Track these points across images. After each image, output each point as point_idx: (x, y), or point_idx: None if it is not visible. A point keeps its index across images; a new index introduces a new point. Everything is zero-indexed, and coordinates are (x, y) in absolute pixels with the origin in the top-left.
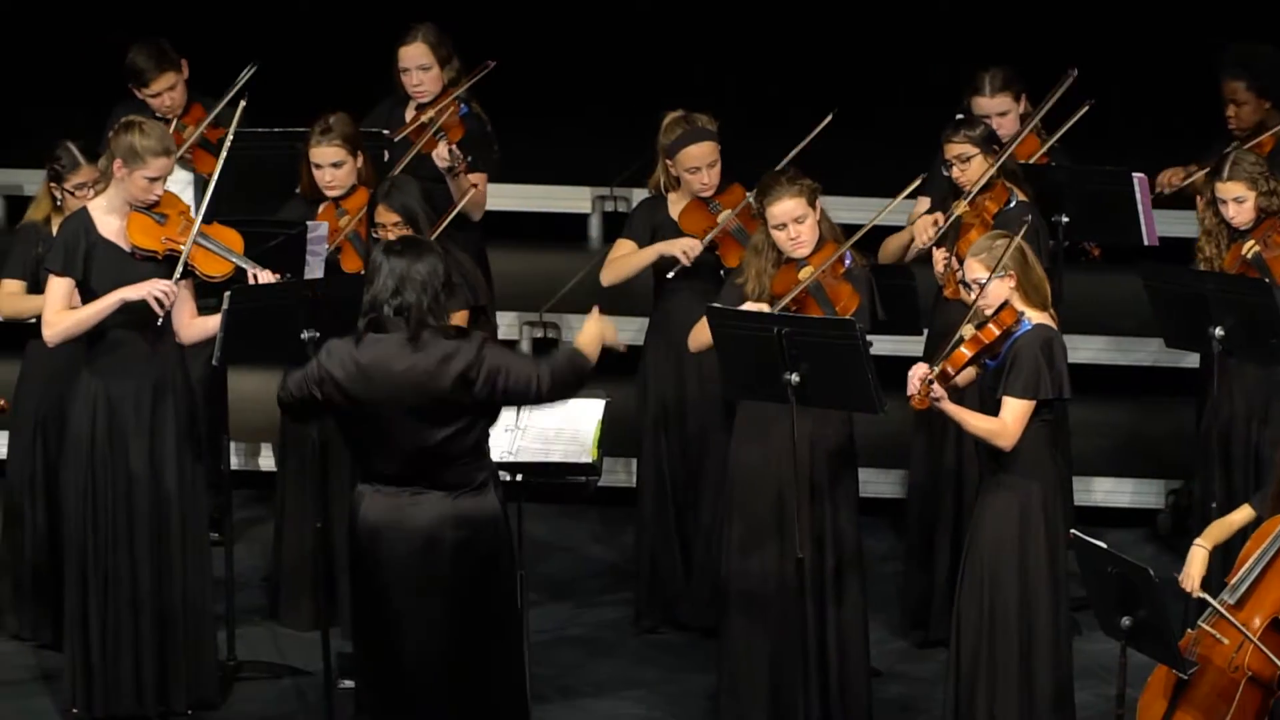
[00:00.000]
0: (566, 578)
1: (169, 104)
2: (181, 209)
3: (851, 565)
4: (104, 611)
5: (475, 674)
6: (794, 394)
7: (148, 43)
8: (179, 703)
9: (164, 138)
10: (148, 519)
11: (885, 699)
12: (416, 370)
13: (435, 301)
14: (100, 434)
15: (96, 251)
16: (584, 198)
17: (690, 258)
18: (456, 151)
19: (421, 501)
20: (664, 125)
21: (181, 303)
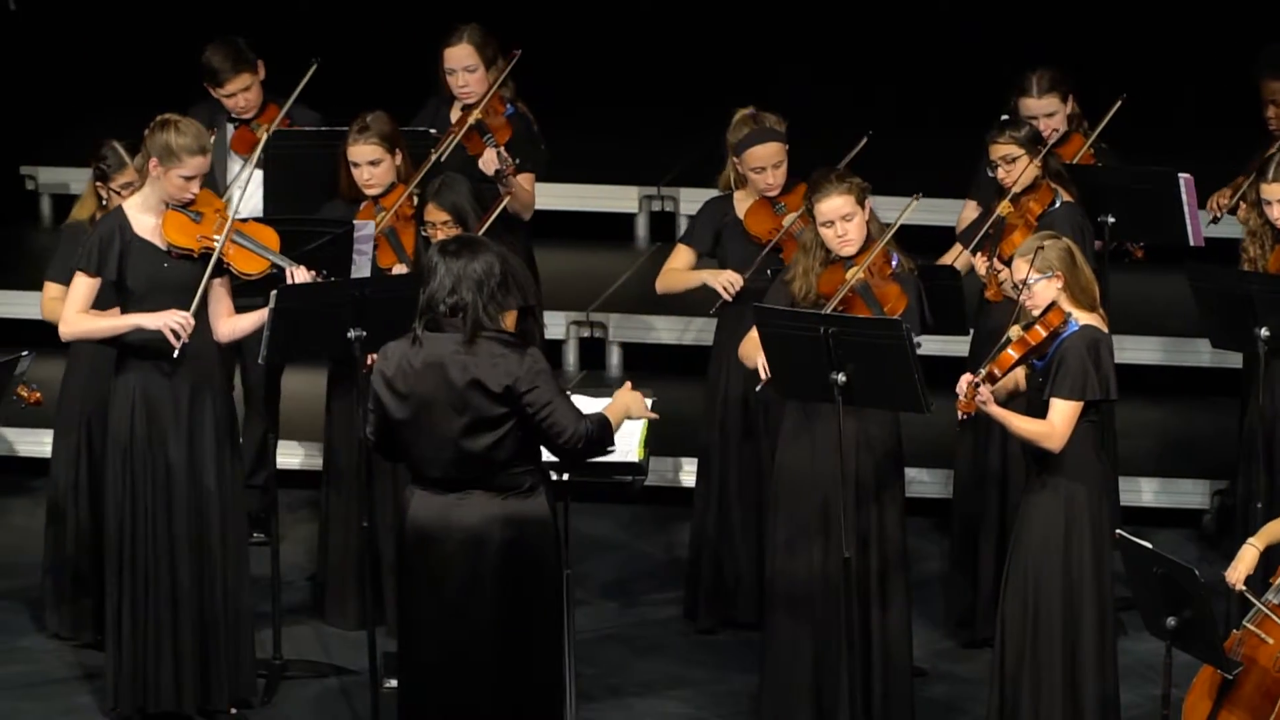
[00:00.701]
0: (614, 577)
1: (244, 104)
2: (217, 206)
3: (897, 565)
4: (144, 610)
5: (516, 675)
6: (840, 394)
7: (224, 42)
8: (221, 701)
9: (199, 136)
10: (187, 518)
11: (929, 699)
12: (467, 373)
13: (491, 301)
14: (139, 433)
15: (132, 250)
16: (631, 197)
17: (732, 294)
18: (504, 154)
19: (470, 502)
20: (733, 122)
21: (218, 300)
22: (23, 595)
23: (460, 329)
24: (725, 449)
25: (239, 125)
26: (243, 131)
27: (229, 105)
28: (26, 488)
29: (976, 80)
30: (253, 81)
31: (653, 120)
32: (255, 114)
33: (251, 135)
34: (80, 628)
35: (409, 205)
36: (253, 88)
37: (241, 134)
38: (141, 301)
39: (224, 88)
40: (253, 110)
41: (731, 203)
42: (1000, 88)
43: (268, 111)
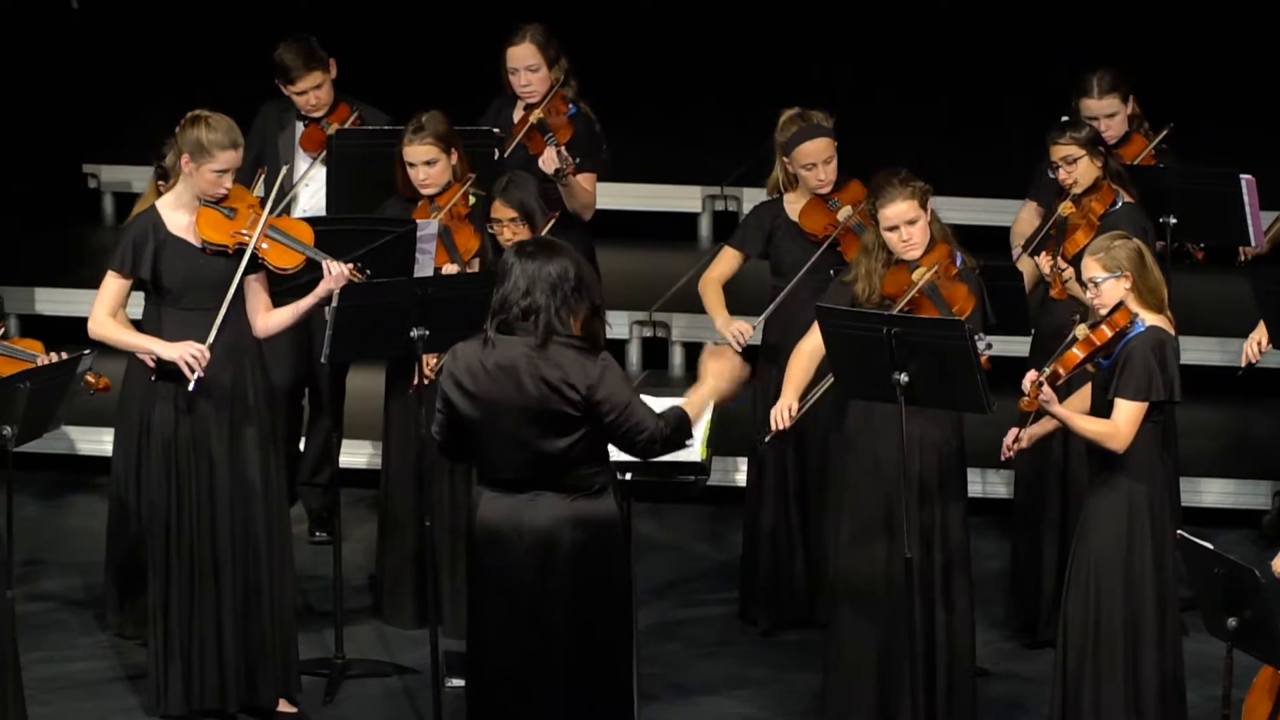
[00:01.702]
0: (675, 576)
1: (315, 102)
2: (250, 202)
3: (959, 565)
4: (187, 608)
5: (586, 676)
6: (903, 394)
7: (296, 40)
8: (269, 699)
9: (230, 130)
10: (230, 515)
11: (991, 698)
12: (539, 378)
13: (564, 305)
14: (183, 433)
15: (166, 249)
16: (694, 197)
17: (741, 344)
18: (565, 154)
19: (539, 503)
20: (780, 122)
21: (254, 296)
22: (84, 594)
23: (531, 332)
24: (778, 448)
25: (308, 123)
26: (312, 129)
27: (299, 103)
28: (88, 486)
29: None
30: (324, 80)
31: (716, 121)
32: (325, 112)
33: (320, 133)
34: (141, 626)
35: (463, 205)
36: (324, 86)
37: (311, 132)
38: (178, 299)
39: (295, 85)
40: (323, 109)
41: (782, 205)
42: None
43: (338, 110)
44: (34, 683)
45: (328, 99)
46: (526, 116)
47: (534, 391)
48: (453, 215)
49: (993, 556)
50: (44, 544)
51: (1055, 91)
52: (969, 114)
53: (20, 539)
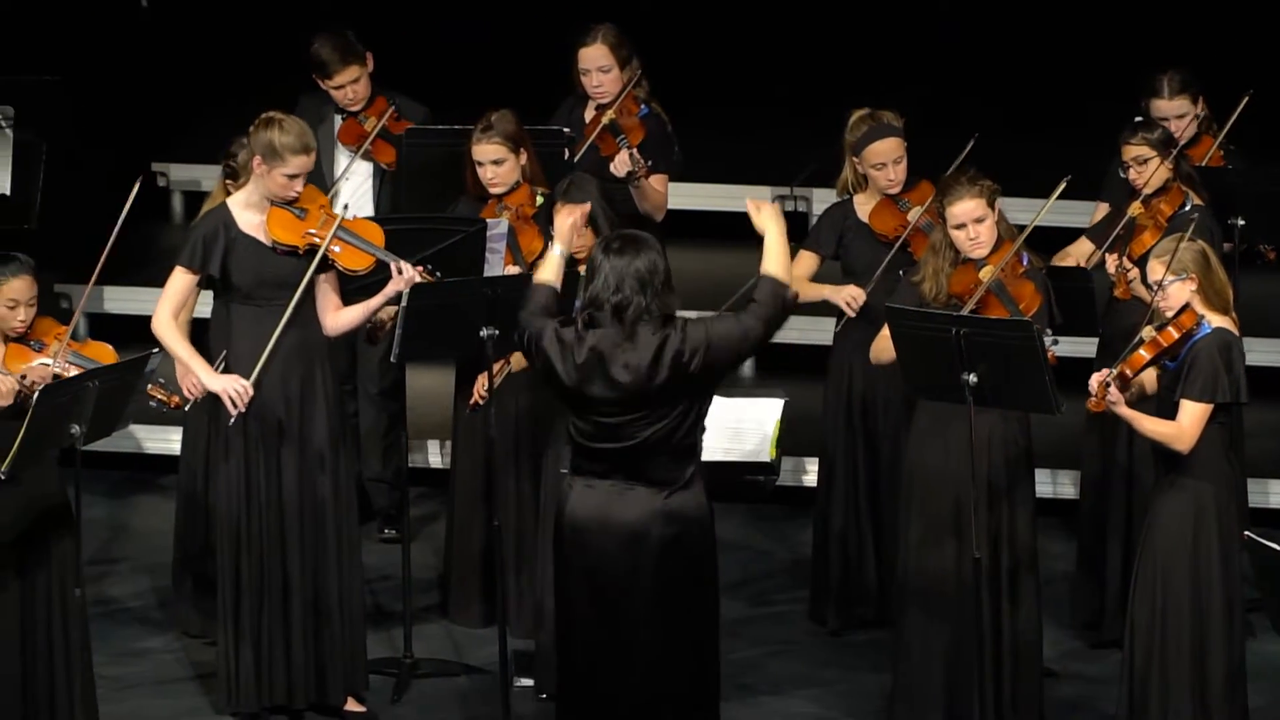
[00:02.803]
0: (745, 576)
1: (352, 97)
2: (321, 203)
3: (1027, 565)
4: (257, 607)
5: (674, 671)
6: (972, 394)
7: (333, 34)
8: (337, 697)
9: (303, 134)
10: (299, 514)
11: (1058, 699)
12: (633, 366)
13: (655, 299)
14: (252, 432)
15: (236, 247)
16: (764, 197)
17: (855, 309)
18: (637, 156)
19: (630, 496)
20: (850, 123)
21: (325, 296)
22: (154, 593)
23: (615, 324)
24: (849, 448)
25: (346, 118)
26: (350, 124)
27: (337, 97)
28: (156, 485)
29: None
30: (361, 74)
31: (786, 121)
32: (363, 106)
33: (359, 128)
34: (209, 624)
35: (530, 206)
36: (361, 80)
37: (349, 126)
38: (248, 297)
39: (332, 80)
40: (360, 103)
41: (852, 206)
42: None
43: (376, 104)
44: (103, 681)
45: (365, 93)
46: (598, 118)
47: (628, 378)
48: (519, 216)
49: (1059, 557)
50: (112, 543)
51: (1127, 92)
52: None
53: (88, 537)
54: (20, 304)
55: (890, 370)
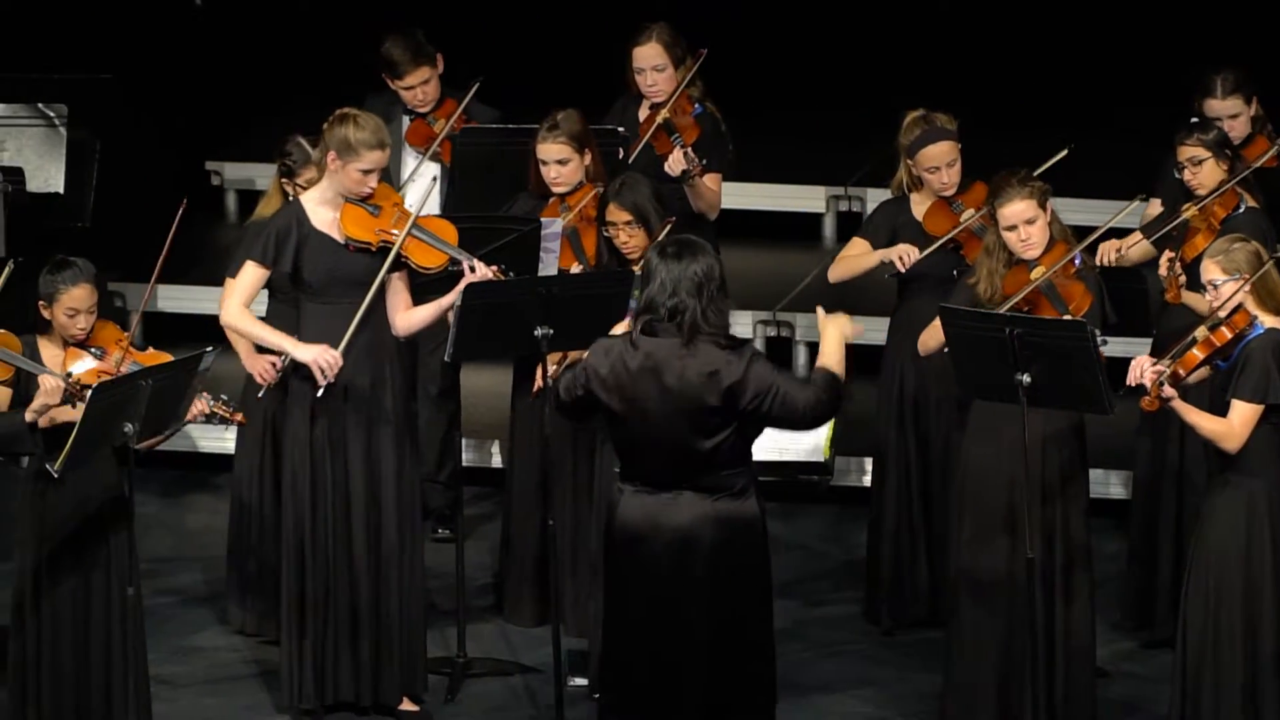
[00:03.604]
0: (797, 576)
1: (422, 98)
2: (395, 200)
3: (1080, 565)
4: (321, 607)
5: (726, 676)
6: (1025, 394)
7: (404, 35)
8: (393, 696)
9: (378, 130)
10: (365, 514)
11: (1110, 698)
12: (686, 378)
13: (710, 304)
14: (319, 433)
15: (310, 243)
16: (818, 197)
17: (906, 264)
18: (691, 155)
19: (680, 502)
20: (904, 125)
21: (396, 295)
22: (206, 591)
23: (676, 333)
24: (900, 448)
25: (415, 119)
26: (418, 125)
27: (406, 98)
28: (210, 484)
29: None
30: (431, 75)
31: (840, 121)
32: (432, 108)
33: (427, 129)
34: (264, 624)
35: (593, 206)
36: (431, 81)
37: (417, 127)
38: (319, 294)
39: (402, 80)
40: (430, 104)
41: (907, 205)
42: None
43: (444, 106)
44: (157, 679)
45: (435, 94)
46: (653, 116)
47: (679, 390)
48: (582, 216)
49: (1110, 557)
50: (166, 541)
51: (1181, 93)
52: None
53: (142, 536)
54: (80, 312)
55: (940, 367)
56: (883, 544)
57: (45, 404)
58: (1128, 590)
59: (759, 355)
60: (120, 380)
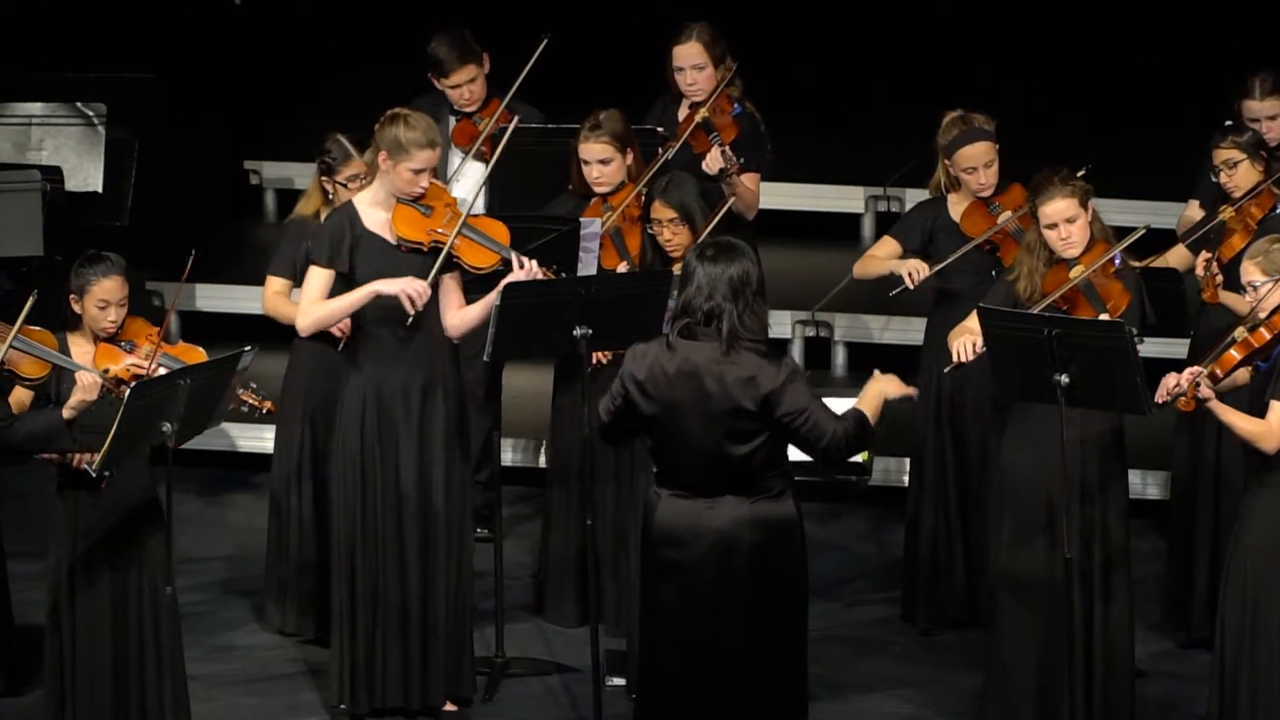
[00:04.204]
0: (836, 576)
1: (468, 97)
2: (447, 200)
3: (1119, 565)
4: (371, 608)
5: (763, 677)
6: (1063, 395)
7: (451, 33)
8: (438, 699)
9: (429, 130)
10: (416, 517)
11: (1148, 699)
12: (723, 383)
13: (747, 307)
14: (370, 434)
15: (362, 244)
16: (857, 197)
17: (915, 281)
18: (729, 153)
19: (717, 505)
20: (942, 125)
21: (447, 294)
22: (244, 591)
23: (714, 336)
24: (938, 449)
25: (461, 118)
26: (464, 124)
27: (453, 97)
28: (248, 483)
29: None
30: (478, 74)
31: (879, 121)
32: (478, 107)
33: (473, 128)
34: (302, 623)
35: (636, 205)
36: (478, 80)
37: (463, 127)
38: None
39: (448, 79)
40: (476, 103)
41: (944, 205)
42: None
43: (491, 105)
44: (195, 679)
45: (481, 93)
46: (692, 115)
47: (717, 395)
48: (625, 216)
49: (1146, 558)
50: (204, 540)
51: (1220, 93)
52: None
53: (180, 535)
54: (111, 304)
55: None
56: (920, 544)
57: (83, 400)
58: (1165, 591)
59: (799, 373)
60: (158, 379)
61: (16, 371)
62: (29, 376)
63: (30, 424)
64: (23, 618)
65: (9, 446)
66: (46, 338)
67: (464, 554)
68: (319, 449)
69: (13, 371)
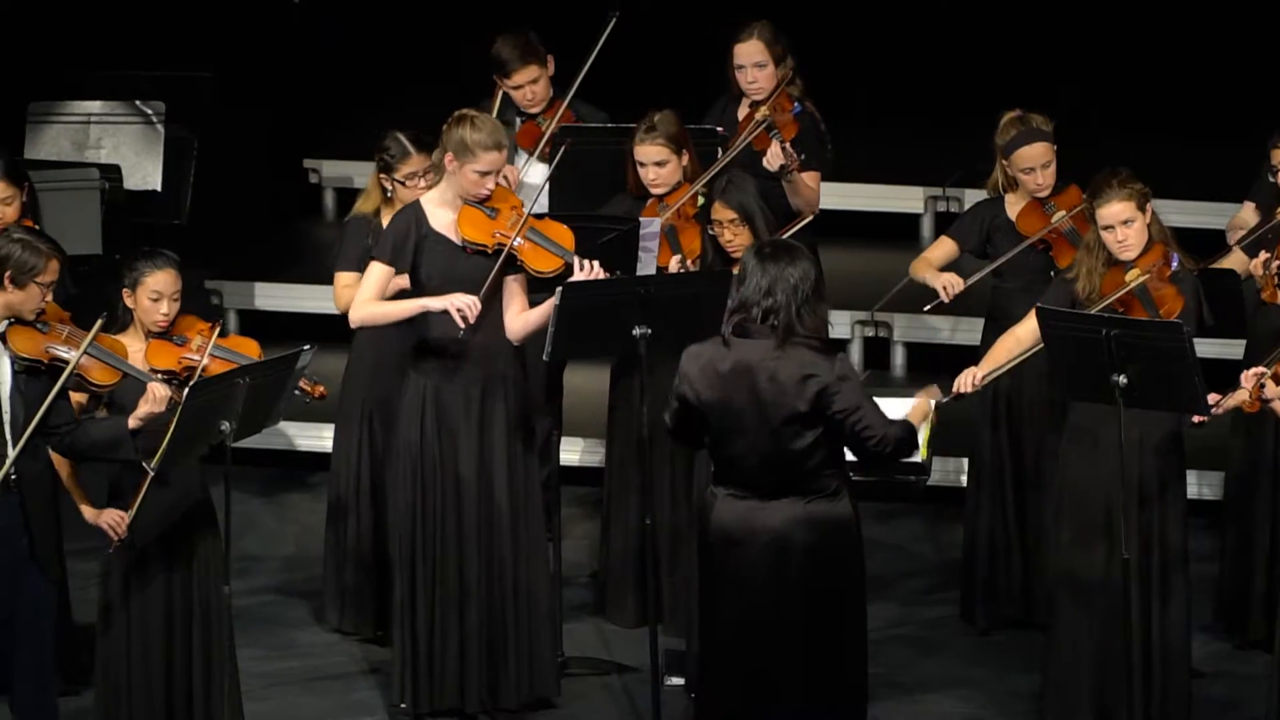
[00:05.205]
0: (895, 576)
1: (530, 97)
2: (513, 203)
3: (1177, 566)
4: (431, 608)
5: (821, 677)
6: (1121, 395)
7: (515, 34)
8: (511, 700)
9: (495, 131)
10: (476, 517)
11: (1205, 699)
12: (778, 380)
13: (805, 307)
14: (429, 434)
15: (427, 244)
16: (916, 197)
17: (949, 295)
18: (789, 150)
19: (773, 505)
20: (1000, 125)
21: (511, 297)
22: (303, 590)
23: (769, 334)
24: (995, 448)
25: (525, 120)
26: (529, 126)
27: (516, 98)
28: (307, 483)
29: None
30: (541, 74)
31: (939, 121)
32: (542, 109)
33: (537, 130)
34: (361, 623)
35: (692, 205)
36: (540, 80)
37: (527, 128)
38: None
39: (511, 79)
40: (540, 104)
41: (1002, 205)
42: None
43: (554, 106)
44: (252, 678)
45: (545, 94)
46: (752, 114)
47: (771, 392)
48: (680, 215)
49: (1204, 558)
50: (262, 540)
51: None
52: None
53: (238, 535)
54: (164, 297)
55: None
56: (978, 544)
57: (150, 412)
58: (1222, 591)
59: (854, 374)
60: (217, 378)
61: (86, 378)
62: (98, 383)
63: (95, 431)
64: (83, 616)
65: (73, 452)
66: (119, 346)
67: (534, 555)
68: (378, 448)
69: (82, 377)
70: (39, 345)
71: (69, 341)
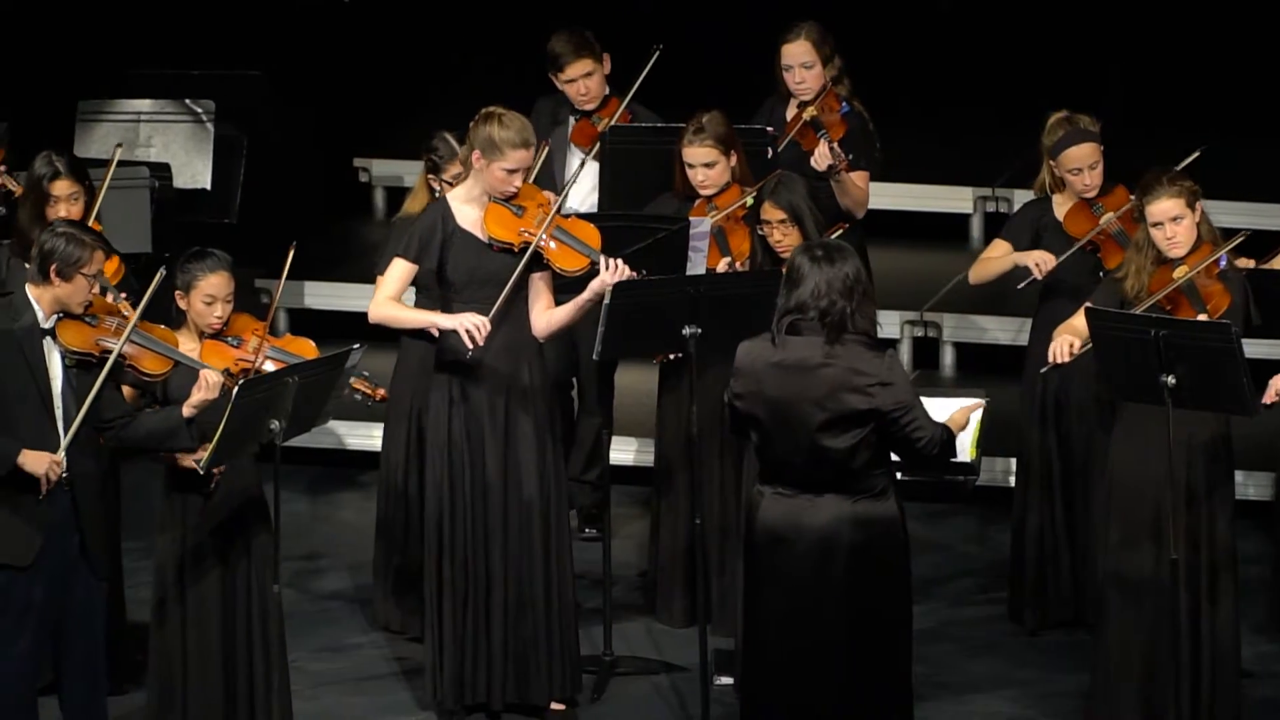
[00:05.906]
0: (943, 576)
1: (584, 92)
2: (540, 201)
3: (1226, 567)
4: (460, 605)
5: (866, 676)
6: (1170, 396)
7: (570, 30)
8: (540, 696)
9: (523, 129)
10: (503, 514)
11: (1255, 700)
12: (829, 377)
13: (859, 305)
14: (457, 435)
15: (454, 241)
16: (966, 198)
17: (1043, 271)
18: (837, 149)
19: (819, 503)
20: (1047, 126)
21: (537, 295)
22: (352, 589)
23: (820, 333)
24: (1043, 449)
25: (580, 118)
26: (583, 124)
27: (570, 93)
28: (356, 482)
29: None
30: (594, 69)
31: (988, 121)
32: (596, 106)
33: (592, 128)
34: (409, 621)
35: (741, 206)
36: (594, 75)
37: (582, 126)
38: (460, 292)
39: (564, 73)
40: (594, 101)
41: (1049, 205)
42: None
43: (609, 105)
44: (302, 677)
45: (598, 91)
46: (800, 114)
47: (823, 388)
48: (730, 218)
49: (1254, 560)
50: (313, 539)
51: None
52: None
53: (288, 533)
54: (217, 300)
55: (1083, 368)
56: (1026, 544)
57: (205, 399)
58: (1271, 592)
59: (903, 373)
60: (266, 376)
61: (138, 367)
62: (150, 372)
63: (150, 422)
64: (135, 615)
65: (129, 443)
66: (168, 335)
67: (562, 552)
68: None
69: (134, 367)
70: (89, 338)
71: (119, 334)
